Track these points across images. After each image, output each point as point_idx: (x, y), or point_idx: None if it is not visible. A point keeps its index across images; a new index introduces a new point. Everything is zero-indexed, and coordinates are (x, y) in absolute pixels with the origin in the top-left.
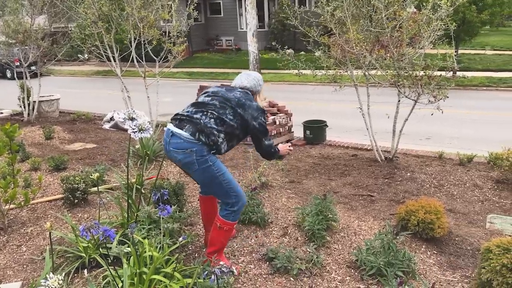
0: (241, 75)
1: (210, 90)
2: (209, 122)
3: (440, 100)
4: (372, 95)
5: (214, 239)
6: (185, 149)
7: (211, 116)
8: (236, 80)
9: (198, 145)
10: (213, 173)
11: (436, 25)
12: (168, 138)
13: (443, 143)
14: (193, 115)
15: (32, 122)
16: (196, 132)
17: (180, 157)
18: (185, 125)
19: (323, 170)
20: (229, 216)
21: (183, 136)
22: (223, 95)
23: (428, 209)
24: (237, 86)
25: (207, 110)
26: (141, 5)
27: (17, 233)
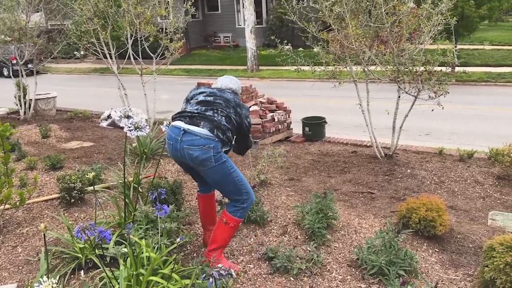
0: (224, 78)
1: (205, 90)
2: (222, 120)
3: (441, 96)
4: (372, 91)
5: (217, 235)
6: (203, 145)
7: (221, 114)
8: (222, 82)
9: (215, 142)
10: (226, 170)
11: (437, 20)
12: (179, 136)
13: (443, 139)
14: (206, 113)
15: (29, 120)
16: (214, 129)
17: (196, 153)
18: (199, 122)
19: (323, 167)
20: (237, 212)
21: (200, 133)
22: (222, 96)
23: (430, 206)
24: (224, 88)
25: (217, 108)
26: (137, 1)
27: (12, 234)
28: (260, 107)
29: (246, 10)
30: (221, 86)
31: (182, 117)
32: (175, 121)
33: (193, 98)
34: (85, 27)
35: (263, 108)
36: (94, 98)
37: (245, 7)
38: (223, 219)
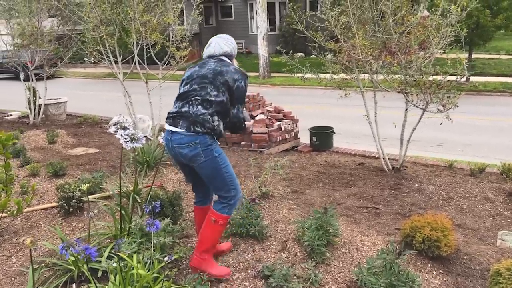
0: (217, 40)
1: (185, 76)
2: (198, 110)
3: (450, 109)
4: (380, 100)
5: (206, 235)
6: (189, 142)
7: (196, 103)
8: (215, 47)
9: (200, 136)
10: (218, 165)
11: (446, 32)
12: (169, 136)
13: (455, 151)
14: (182, 109)
15: (38, 125)
16: (191, 126)
17: (185, 151)
18: (178, 121)
19: (328, 179)
20: (225, 209)
21: (181, 132)
22: (198, 75)
23: (435, 225)
24: (217, 53)
25: (190, 99)
26: (143, 9)
27: (8, 243)
28: (267, 116)
29: (259, 17)
30: (214, 51)
31: (168, 118)
32: (166, 122)
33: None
34: (92, 35)
35: (270, 117)
36: (107, 103)
37: (258, 14)
38: (211, 218)
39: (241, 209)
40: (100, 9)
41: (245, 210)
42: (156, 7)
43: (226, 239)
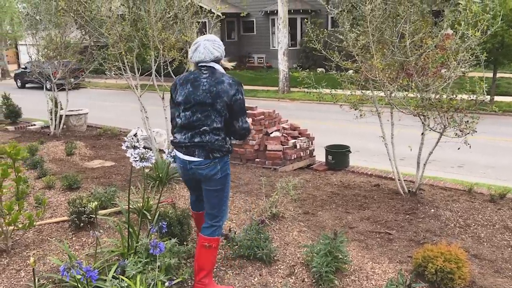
0: (204, 44)
1: (179, 97)
2: (211, 138)
3: (468, 134)
4: (396, 119)
5: (203, 262)
6: (209, 163)
7: (206, 132)
8: (204, 52)
9: (218, 158)
10: (225, 183)
11: (463, 56)
12: (187, 165)
13: (477, 173)
14: (194, 140)
15: (58, 136)
16: (209, 154)
17: (205, 172)
18: (194, 150)
19: (341, 201)
20: (215, 232)
21: (200, 160)
22: (196, 100)
23: (448, 256)
24: (208, 59)
25: (199, 129)
26: (162, 26)
27: (18, 256)
28: (282, 133)
29: (280, 33)
30: (205, 57)
31: (179, 147)
32: (177, 151)
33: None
34: (111, 51)
35: (285, 134)
36: (127, 114)
37: (279, 30)
38: (204, 244)
39: (250, 230)
40: (120, 26)
41: (254, 232)
42: (175, 25)
43: (234, 260)
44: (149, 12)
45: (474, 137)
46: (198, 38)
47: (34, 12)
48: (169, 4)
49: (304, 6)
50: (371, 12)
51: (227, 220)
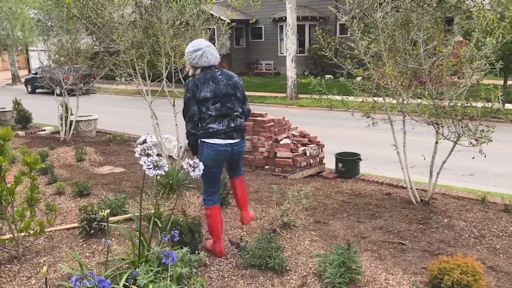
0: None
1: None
2: (241, 121)
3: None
4: (408, 124)
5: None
6: (244, 141)
7: (236, 117)
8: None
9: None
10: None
11: (480, 64)
12: (229, 148)
13: (488, 181)
14: (231, 125)
15: (68, 141)
16: (243, 134)
17: (242, 149)
18: (233, 134)
19: (353, 210)
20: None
21: (239, 141)
22: (223, 93)
23: (465, 268)
24: (216, 63)
25: (232, 115)
26: (174, 33)
27: (29, 263)
28: (292, 140)
29: (288, 39)
30: (214, 62)
31: (218, 134)
32: (213, 139)
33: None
34: (123, 58)
35: (295, 141)
36: (136, 119)
37: (288, 36)
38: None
39: (261, 239)
40: (131, 33)
41: (265, 241)
42: (186, 32)
43: (245, 270)
44: (161, 19)
45: (484, 145)
46: (196, 45)
47: (46, 18)
48: (181, 11)
49: (312, 13)
50: (383, 19)
51: (239, 229)
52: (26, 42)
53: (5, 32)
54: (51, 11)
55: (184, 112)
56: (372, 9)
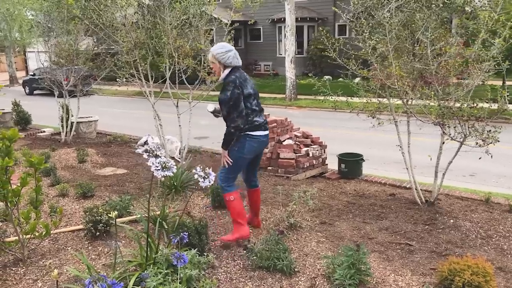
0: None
1: (252, 92)
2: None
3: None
4: (414, 125)
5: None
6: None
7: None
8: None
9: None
10: None
11: (489, 65)
12: (265, 139)
13: (489, 182)
14: (264, 119)
15: (69, 143)
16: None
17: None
18: (267, 127)
19: (358, 211)
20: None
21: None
22: (256, 91)
23: (476, 269)
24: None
25: (263, 110)
26: (177, 34)
27: (35, 266)
28: (294, 141)
29: (287, 40)
30: (241, 62)
31: (262, 126)
32: (258, 131)
33: (251, 99)
34: (126, 58)
35: (298, 142)
36: (136, 121)
37: (287, 37)
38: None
39: (269, 241)
40: (135, 33)
41: (273, 242)
42: (189, 33)
43: (253, 272)
44: (164, 20)
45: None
46: (225, 46)
47: (47, 19)
48: (185, 12)
49: (311, 14)
50: (389, 19)
51: None
52: (23, 43)
53: (3, 34)
54: (52, 12)
55: (232, 109)
56: (377, 9)
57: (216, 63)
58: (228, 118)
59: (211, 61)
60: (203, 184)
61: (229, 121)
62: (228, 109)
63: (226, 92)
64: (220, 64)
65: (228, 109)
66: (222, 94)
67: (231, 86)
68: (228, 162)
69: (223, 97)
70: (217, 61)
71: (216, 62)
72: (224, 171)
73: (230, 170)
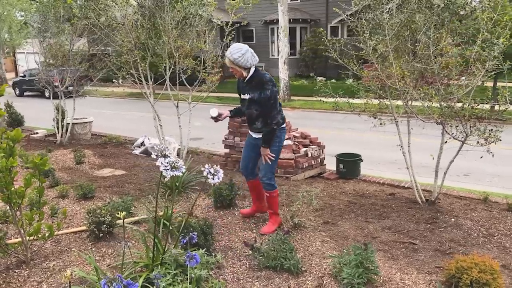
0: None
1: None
2: None
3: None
4: (415, 125)
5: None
6: None
7: None
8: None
9: None
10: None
11: (492, 65)
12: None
13: (483, 181)
14: None
15: (65, 144)
16: None
17: None
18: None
19: (359, 210)
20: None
21: None
22: None
23: (483, 267)
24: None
25: None
26: (177, 34)
27: (39, 268)
28: (293, 141)
29: (280, 42)
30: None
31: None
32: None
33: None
34: (125, 58)
35: (297, 142)
36: (130, 122)
37: (280, 39)
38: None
39: (275, 241)
40: (135, 33)
41: (279, 242)
42: (190, 33)
43: (260, 272)
44: (165, 20)
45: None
46: (240, 47)
47: (42, 19)
48: (185, 11)
49: (303, 16)
50: (389, 21)
51: (249, 230)
52: (13, 44)
53: None
54: (47, 12)
55: (272, 107)
56: (376, 9)
57: (236, 67)
58: (268, 116)
59: (230, 66)
60: (212, 181)
61: (270, 119)
62: (269, 108)
63: (265, 91)
64: (240, 68)
65: (268, 107)
66: (261, 93)
67: (270, 85)
68: (271, 158)
69: (262, 96)
70: (236, 66)
71: (235, 67)
72: (268, 168)
73: (273, 164)
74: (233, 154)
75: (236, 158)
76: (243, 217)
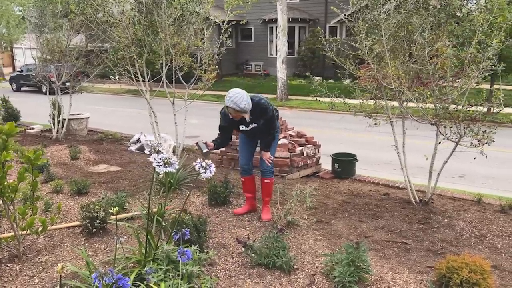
0: (246, 96)
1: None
2: None
3: (485, 144)
4: (410, 126)
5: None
6: None
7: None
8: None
9: None
10: None
11: (486, 66)
12: None
13: (478, 183)
14: None
15: (60, 140)
16: None
17: None
18: None
19: (353, 209)
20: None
21: None
22: None
23: (473, 267)
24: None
25: None
26: (174, 31)
27: (31, 262)
28: (289, 140)
29: (279, 41)
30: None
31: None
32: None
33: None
34: (122, 54)
35: (292, 141)
36: (126, 119)
37: (278, 38)
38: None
39: (268, 238)
40: (132, 30)
41: (272, 240)
42: (187, 30)
43: (252, 269)
44: (162, 16)
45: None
46: (240, 98)
47: (39, 14)
48: (182, 8)
49: (302, 15)
50: (385, 21)
51: (242, 228)
52: (11, 39)
53: None
54: (44, 7)
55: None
56: (373, 9)
57: (241, 114)
58: (271, 127)
59: (235, 114)
60: (204, 175)
61: (272, 129)
62: (272, 123)
63: (268, 113)
64: (245, 112)
65: (272, 123)
66: (265, 116)
67: (270, 110)
68: (271, 160)
69: (266, 119)
70: (243, 113)
71: (241, 114)
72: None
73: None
74: (229, 152)
75: (231, 156)
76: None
